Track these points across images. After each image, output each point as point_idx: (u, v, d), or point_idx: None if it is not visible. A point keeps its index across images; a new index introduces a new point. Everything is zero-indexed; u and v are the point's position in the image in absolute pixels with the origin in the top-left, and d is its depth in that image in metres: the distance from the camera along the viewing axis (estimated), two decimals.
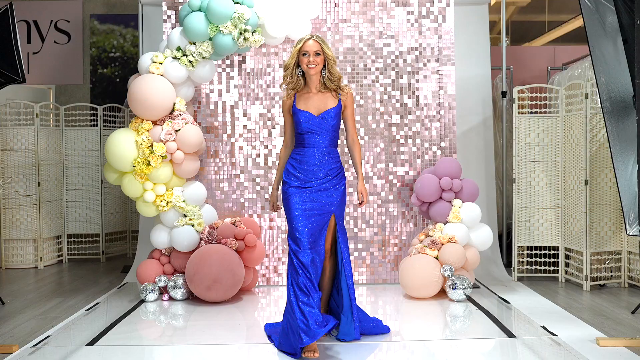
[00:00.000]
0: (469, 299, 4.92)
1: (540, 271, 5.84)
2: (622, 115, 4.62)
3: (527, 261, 5.90)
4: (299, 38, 3.83)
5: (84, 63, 7.97)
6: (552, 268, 5.76)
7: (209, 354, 3.78)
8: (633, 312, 4.56)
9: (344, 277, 3.83)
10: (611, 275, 5.51)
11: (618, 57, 4.62)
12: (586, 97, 5.32)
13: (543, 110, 5.89)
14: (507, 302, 4.87)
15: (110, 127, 7.17)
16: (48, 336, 4.04)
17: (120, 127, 6.86)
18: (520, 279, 5.78)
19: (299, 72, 3.82)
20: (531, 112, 6.02)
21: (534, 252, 5.89)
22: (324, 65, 3.80)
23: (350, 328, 3.85)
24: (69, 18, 7.93)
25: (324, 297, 3.94)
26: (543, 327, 4.11)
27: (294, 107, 3.82)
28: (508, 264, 6.16)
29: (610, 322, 4.36)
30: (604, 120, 4.63)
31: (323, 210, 3.76)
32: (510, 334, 4.01)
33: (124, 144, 4.90)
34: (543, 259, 5.77)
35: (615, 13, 4.46)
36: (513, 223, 5.79)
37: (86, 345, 3.85)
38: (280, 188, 3.98)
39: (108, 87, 7.91)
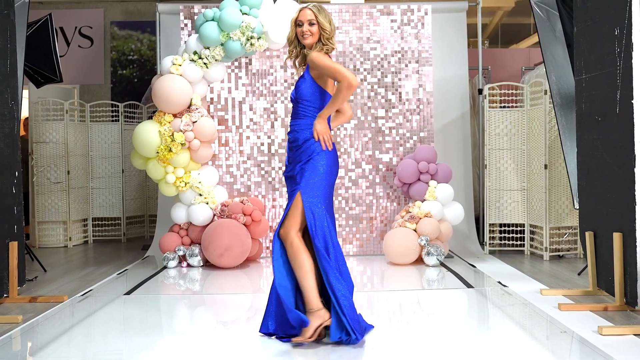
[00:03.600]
0: (443, 265, 5.76)
1: (509, 245, 6.66)
2: (570, 108, 5.43)
3: (498, 237, 6.73)
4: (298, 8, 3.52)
5: (105, 65, 8.75)
6: (519, 243, 6.58)
7: (220, 300, 4.67)
8: (579, 274, 5.38)
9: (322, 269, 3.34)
10: (569, 248, 6.33)
11: (566, 59, 5.44)
12: (545, 93, 6.13)
13: (511, 105, 6.71)
14: (474, 266, 5.72)
15: (129, 122, 7.98)
16: (91, 289, 4.91)
17: (138, 122, 7.65)
18: (492, 252, 6.60)
19: (301, 45, 3.48)
20: (501, 107, 6.83)
21: (503, 228, 6.72)
22: (320, 37, 3.42)
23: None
24: (92, 24, 8.71)
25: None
26: (498, 282, 4.95)
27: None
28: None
29: (558, 280, 5.19)
30: (554, 112, 5.47)
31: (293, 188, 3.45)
32: (469, 286, 4.86)
33: (149, 133, 5.72)
34: (511, 235, 6.60)
35: (561, 21, 5.29)
36: (485, 203, 6.62)
37: (124, 294, 4.72)
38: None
39: (127, 87, 8.74)
